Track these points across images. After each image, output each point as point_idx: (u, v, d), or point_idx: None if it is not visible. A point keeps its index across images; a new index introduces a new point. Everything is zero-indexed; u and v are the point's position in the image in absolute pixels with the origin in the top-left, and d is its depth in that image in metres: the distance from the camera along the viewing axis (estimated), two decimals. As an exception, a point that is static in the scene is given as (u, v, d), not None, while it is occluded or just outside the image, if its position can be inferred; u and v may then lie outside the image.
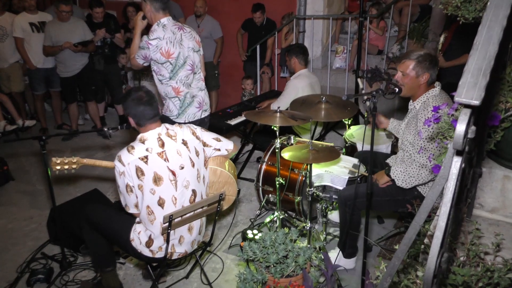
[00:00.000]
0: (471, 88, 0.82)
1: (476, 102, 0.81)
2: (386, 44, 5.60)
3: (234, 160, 4.60)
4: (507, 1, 0.94)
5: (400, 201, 2.78)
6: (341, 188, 3.04)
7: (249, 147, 4.78)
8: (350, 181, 3.09)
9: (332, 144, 3.42)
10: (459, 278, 1.21)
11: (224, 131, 3.98)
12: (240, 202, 4.03)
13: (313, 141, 2.95)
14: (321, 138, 4.62)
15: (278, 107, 3.04)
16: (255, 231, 3.20)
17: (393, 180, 2.73)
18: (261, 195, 3.63)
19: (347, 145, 3.65)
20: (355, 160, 3.32)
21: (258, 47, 5.45)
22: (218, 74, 6.20)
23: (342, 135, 4.07)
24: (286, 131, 4.15)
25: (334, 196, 3.07)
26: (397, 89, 2.61)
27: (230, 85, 6.29)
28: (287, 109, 3.75)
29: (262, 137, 4.49)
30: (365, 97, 2.32)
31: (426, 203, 0.99)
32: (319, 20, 5.72)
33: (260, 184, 3.58)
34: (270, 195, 3.55)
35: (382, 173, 2.84)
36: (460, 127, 0.83)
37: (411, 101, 2.79)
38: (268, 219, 3.43)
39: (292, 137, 3.65)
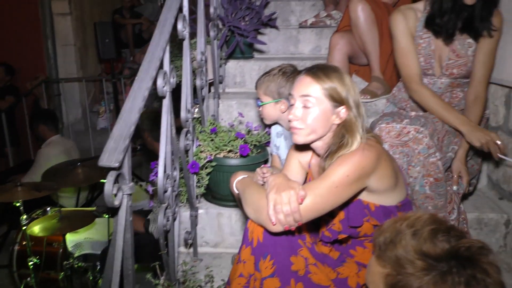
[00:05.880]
0: (112, 153, 0.95)
1: (116, 164, 0.94)
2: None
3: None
4: (148, 77, 1.13)
5: None
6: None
7: (4, 229, 4.17)
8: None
9: (94, 208, 3.32)
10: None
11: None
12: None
13: (62, 208, 2.81)
14: (92, 202, 4.42)
15: (19, 182, 2.79)
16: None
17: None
18: (17, 281, 3.19)
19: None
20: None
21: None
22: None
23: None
24: (44, 203, 3.80)
25: (97, 263, 2.96)
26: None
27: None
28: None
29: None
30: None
31: (109, 262, 1.06)
32: (75, 82, 5.60)
33: (15, 269, 3.16)
34: (29, 279, 3.15)
35: None
36: (108, 187, 0.95)
37: None
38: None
39: (49, 208, 3.36)
